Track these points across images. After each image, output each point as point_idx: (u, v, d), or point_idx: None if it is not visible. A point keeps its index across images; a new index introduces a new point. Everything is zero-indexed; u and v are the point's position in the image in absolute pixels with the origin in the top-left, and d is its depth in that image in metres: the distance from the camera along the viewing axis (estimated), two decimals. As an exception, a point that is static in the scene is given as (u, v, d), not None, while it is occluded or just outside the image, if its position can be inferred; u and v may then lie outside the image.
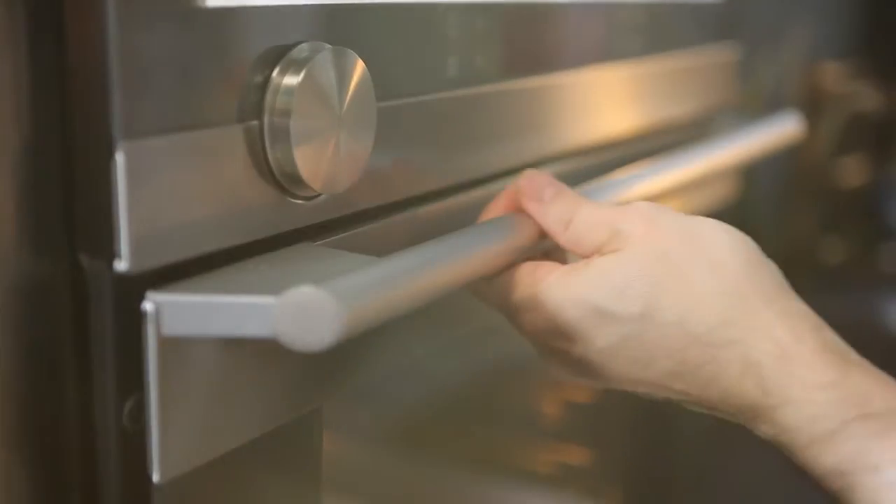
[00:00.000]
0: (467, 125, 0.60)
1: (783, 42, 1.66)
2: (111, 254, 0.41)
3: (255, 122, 0.46)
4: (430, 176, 0.58)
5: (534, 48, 0.65)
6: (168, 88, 0.42)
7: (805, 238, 1.95)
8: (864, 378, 0.49)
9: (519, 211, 0.56)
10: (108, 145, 0.40)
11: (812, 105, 1.74)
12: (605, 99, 0.75)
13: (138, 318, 0.44)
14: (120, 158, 0.40)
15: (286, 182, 0.47)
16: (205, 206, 0.44)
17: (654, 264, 0.51)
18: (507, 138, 0.64)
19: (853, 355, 0.51)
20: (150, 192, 0.41)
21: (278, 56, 0.46)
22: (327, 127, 0.47)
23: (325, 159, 0.47)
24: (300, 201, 0.49)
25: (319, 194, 0.49)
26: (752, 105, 1.89)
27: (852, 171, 1.89)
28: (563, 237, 0.54)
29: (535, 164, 0.67)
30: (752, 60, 1.87)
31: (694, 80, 0.88)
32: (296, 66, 0.46)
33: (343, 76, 0.48)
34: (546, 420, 0.93)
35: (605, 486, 0.91)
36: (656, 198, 0.65)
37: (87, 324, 0.44)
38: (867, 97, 1.84)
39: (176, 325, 0.43)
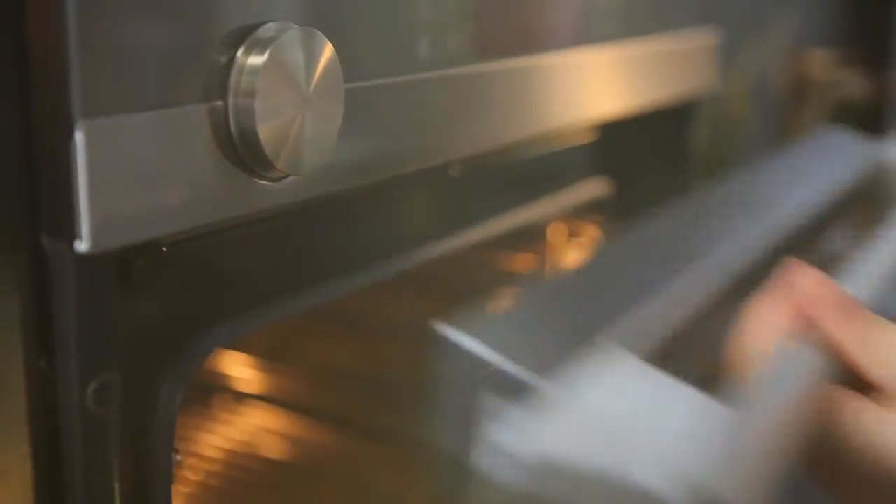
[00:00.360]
0: (439, 108, 0.59)
1: (768, 29, 1.65)
2: (72, 235, 0.41)
3: (219, 102, 0.45)
4: (400, 159, 0.57)
5: (508, 30, 0.65)
6: (130, 66, 0.42)
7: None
8: None
9: (801, 318, 0.45)
10: (68, 124, 0.40)
11: (797, 92, 1.74)
12: (582, 82, 0.74)
13: (102, 299, 0.43)
14: (80, 137, 0.40)
15: (252, 162, 0.47)
16: (168, 186, 0.44)
17: None
18: (480, 121, 0.63)
19: None
20: (112, 171, 0.41)
21: (243, 35, 0.46)
22: (293, 108, 0.47)
23: (290, 140, 0.47)
24: (266, 182, 0.48)
25: (286, 175, 0.49)
26: (737, 92, 1.89)
27: (838, 159, 1.88)
28: (878, 369, 0.44)
29: (509, 147, 0.66)
30: (736, 47, 1.87)
31: (673, 63, 0.88)
32: (261, 46, 0.46)
33: (310, 57, 0.48)
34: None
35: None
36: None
37: (50, 305, 0.43)
38: (853, 85, 1.84)
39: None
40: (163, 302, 0.50)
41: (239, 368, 1.10)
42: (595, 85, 0.76)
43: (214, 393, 1.11)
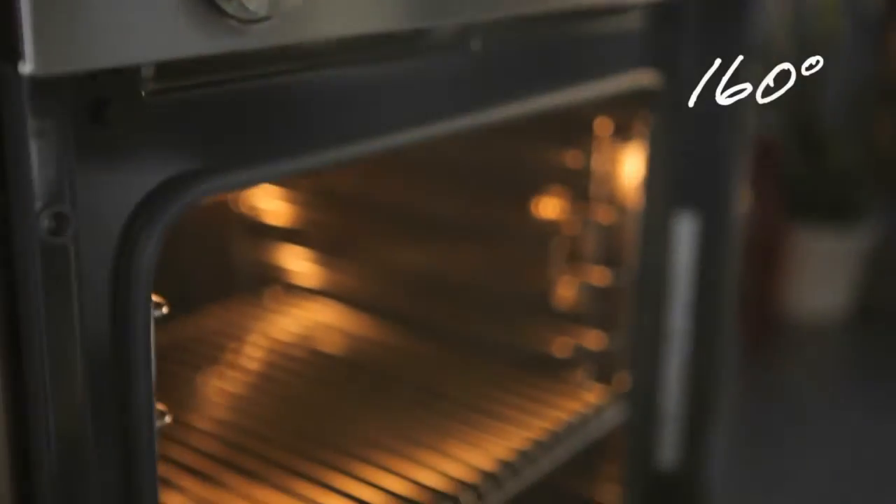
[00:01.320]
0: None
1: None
2: (17, 56, 0.40)
3: (187, -68, 0.44)
4: (392, 14, 0.55)
5: None
6: None
7: (886, 146, 1.89)
8: None
9: None
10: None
11: (891, 8, 1.67)
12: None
13: (54, 123, 0.43)
14: (21, -49, 0.39)
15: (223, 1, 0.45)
16: (125, 14, 0.42)
17: None
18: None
19: None
20: (61, -7, 0.40)
21: None
22: (266, -57, 0.45)
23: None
24: (240, 24, 0.47)
25: (263, 18, 0.47)
26: (831, 9, 1.82)
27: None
28: None
29: (532, 20, 0.64)
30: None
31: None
32: None
33: None
34: (562, 302, 0.92)
35: (615, 370, 0.90)
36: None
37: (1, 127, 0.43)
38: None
39: None
40: (141, 148, 0.49)
41: (296, 262, 1.10)
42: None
43: (267, 284, 1.11)
